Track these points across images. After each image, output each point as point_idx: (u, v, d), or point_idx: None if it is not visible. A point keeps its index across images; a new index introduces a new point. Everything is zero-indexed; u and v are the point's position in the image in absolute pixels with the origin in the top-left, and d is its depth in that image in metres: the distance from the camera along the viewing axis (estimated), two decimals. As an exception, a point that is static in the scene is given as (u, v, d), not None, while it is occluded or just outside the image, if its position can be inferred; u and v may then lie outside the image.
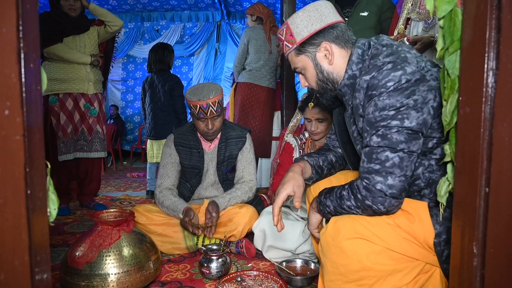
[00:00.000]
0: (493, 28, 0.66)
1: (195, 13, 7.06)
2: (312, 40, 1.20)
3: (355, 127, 1.22)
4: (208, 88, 2.06)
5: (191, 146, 2.20)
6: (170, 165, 2.18)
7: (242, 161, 2.23)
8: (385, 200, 1.02)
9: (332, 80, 1.23)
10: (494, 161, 0.68)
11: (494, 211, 0.69)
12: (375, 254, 1.03)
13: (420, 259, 1.05)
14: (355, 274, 1.04)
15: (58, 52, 2.71)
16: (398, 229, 1.05)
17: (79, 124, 2.85)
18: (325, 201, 1.17)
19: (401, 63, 1.05)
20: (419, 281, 1.05)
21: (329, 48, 1.19)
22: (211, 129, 2.07)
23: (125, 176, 5.45)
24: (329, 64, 1.21)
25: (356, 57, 1.17)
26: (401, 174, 1.02)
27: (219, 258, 1.71)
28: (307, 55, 1.22)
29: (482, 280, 0.71)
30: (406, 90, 1.01)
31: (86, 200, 3.07)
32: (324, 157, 1.46)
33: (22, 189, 0.57)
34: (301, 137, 2.26)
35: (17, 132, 0.56)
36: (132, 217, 1.65)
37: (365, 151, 1.08)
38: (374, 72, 1.06)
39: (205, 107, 2.00)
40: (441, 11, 0.79)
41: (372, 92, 1.05)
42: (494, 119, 0.68)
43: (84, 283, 1.43)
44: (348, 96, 1.21)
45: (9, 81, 0.55)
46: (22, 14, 0.56)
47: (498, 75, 0.66)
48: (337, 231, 1.07)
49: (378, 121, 1.04)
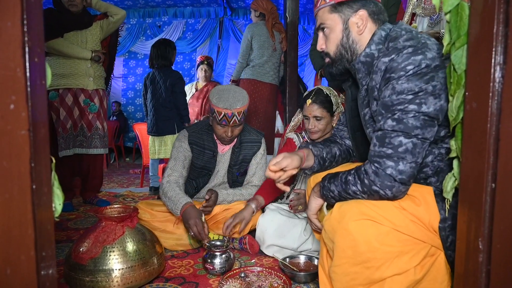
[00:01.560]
0: (500, 22, 0.65)
1: (198, 9, 7.04)
2: (352, 3, 1.18)
3: (367, 109, 1.20)
4: (235, 96, 1.96)
5: (205, 146, 2.13)
6: (183, 159, 2.09)
7: (254, 165, 2.22)
8: (393, 185, 1.02)
9: (353, 49, 1.21)
10: (501, 157, 0.68)
11: (500, 207, 0.69)
12: (383, 235, 1.02)
13: (426, 241, 1.04)
14: (362, 256, 1.03)
15: (58, 47, 2.69)
16: (404, 211, 1.05)
17: (79, 120, 2.83)
18: (329, 186, 1.16)
19: (422, 47, 1.03)
20: (426, 265, 1.04)
21: (364, 18, 1.17)
22: (229, 137, 2.02)
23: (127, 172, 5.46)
24: (357, 33, 1.19)
25: (378, 38, 1.16)
26: (412, 160, 1.01)
27: (223, 254, 1.71)
28: (341, 16, 1.19)
29: (488, 276, 0.71)
30: (426, 76, 1.00)
31: (89, 196, 3.08)
32: (328, 149, 1.45)
33: (27, 184, 0.57)
34: (303, 135, 2.23)
35: (23, 127, 0.56)
36: (136, 213, 1.65)
37: (377, 134, 1.06)
38: (393, 55, 1.05)
39: (230, 116, 1.93)
40: (448, 6, 0.78)
41: (391, 75, 1.03)
42: (501, 114, 0.67)
43: (88, 278, 1.44)
44: (362, 74, 1.20)
45: (14, 76, 0.55)
46: (26, 8, 0.55)
47: (505, 69, 0.66)
48: (343, 214, 1.06)
49: (395, 104, 1.02)
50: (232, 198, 2.11)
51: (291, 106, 3.42)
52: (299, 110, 2.33)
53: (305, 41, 7.04)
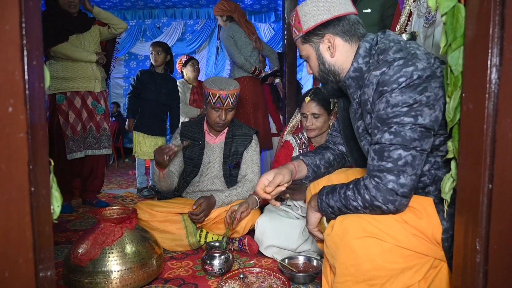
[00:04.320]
0: (496, 24, 0.66)
1: (196, 10, 7.05)
2: (317, 30, 1.18)
3: (360, 122, 1.20)
4: (228, 81, 2.16)
5: (195, 138, 2.25)
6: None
7: (247, 159, 2.25)
8: (395, 199, 1.00)
9: (334, 72, 1.22)
10: (498, 158, 0.68)
11: (497, 208, 0.69)
12: (386, 252, 1.01)
13: (430, 254, 1.03)
14: (366, 274, 1.02)
15: (65, 51, 2.73)
16: (406, 225, 1.03)
17: (87, 122, 2.89)
18: (328, 201, 1.14)
19: (412, 59, 1.03)
20: (429, 278, 1.04)
21: (332, 41, 1.18)
22: (223, 120, 2.12)
23: (127, 173, 5.45)
24: (331, 57, 1.20)
25: (364, 51, 1.15)
26: (413, 172, 1.00)
27: (222, 255, 1.71)
28: (311, 45, 1.22)
29: (485, 277, 0.71)
30: (419, 87, 0.99)
31: (89, 197, 3.09)
32: (320, 155, 1.45)
33: (26, 187, 0.57)
34: (300, 136, 2.24)
35: (21, 130, 0.56)
36: (135, 215, 1.65)
37: (374, 148, 1.05)
38: (384, 68, 1.04)
39: (224, 97, 2.07)
40: (444, 8, 0.78)
41: (383, 88, 1.03)
42: (497, 115, 0.67)
43: (87, 280, 1.44)
44: (353, 89, 1.20)
45: (12, 78, 0.55)
46: (25, 11, 0.56)
47: (501, 71, 0.66)
48: (345, 231, 1.05)
49: (391, 117, 1.01)
50: (230, 199, 2.11)
51: (290, 106, 3.43)
52: (297, 111, 2.34)
53: (304, 41, 7.04)
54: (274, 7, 6.93)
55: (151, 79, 3.42)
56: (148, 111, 3.40)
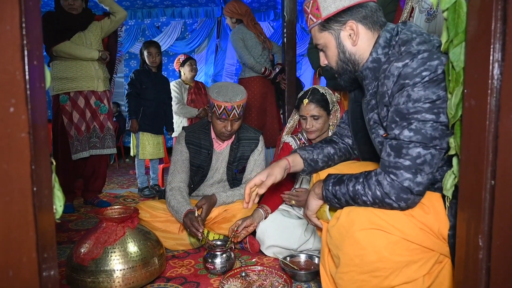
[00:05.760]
0: (498, 19, 0.65)
1: (195, 9, 7.03)
2: (339, 17, 1.12)
3: (372, 114, 1.16)
4: (234, 90, 2.01)
5: (201, 145, 2.17)
6: (181, 162, 2.13)
7: (252, 162, 2.23)
8: (409, 198, 0.98)
9: (354, 61, 1.17)
10: (500, 154, 0.68)
11: (500, 204, 0.69)
12: (392, 244, 1.00)
13: (435, 249, 1.02)
14: (370, 265, 1.01)
15: (67, 50, 2.73)
16: (413, 219, 1.02)
17: (91, 122, 2.89)
18: (335, 192, 1.11)
19: (437, 52, 0.98)
20: (434, 273, 1.03)
21: (355, 28, 1.12)
22: (229, 131, 2.04)
23: (128, 173, 5.46)
24: (352, 45, 1.15)
25: (383, 41, 1.10)
26: (430, 171, 0.97)
27: (223, 253, 1.71)
28: (331, 32, 1.16)
29: (488, 273, 0.71)
30: (443, 82, 0.94)
31: (90, 197, 3.09)
32: (319, 149, 1.43)
33: (28, 187, 0.57)
34: (299, 137, 2.20)
35: (23, 130, 0.56)
36: (137, 214, 1.66)
37: (391, 143, 1.01)
38: (407, 60, 0.99)
39: (230, 109, 1.96)
40: (445, 3, 0.78)
41: (405, 81, 0.98)
42: (499, 111, 0.67)
43: (90, 279, 1.44)
44: (368, 80, 1.16)
45: (13, 79, 0.55)
46: (25, 11, 0.56)
47: (504, 66, 0.66)
48: (351, 222, 1.04)
49: (411, 113, 0.97)
50: (232, 199, 2.11)
51: (290, 105, 3.42)
52: (294, 111, 2.30)
53: (303, 40, 7.03)
54: (273, 5, 6.91)
55: (149, 79, 3.41)
56: (149, 111, 3.40)
